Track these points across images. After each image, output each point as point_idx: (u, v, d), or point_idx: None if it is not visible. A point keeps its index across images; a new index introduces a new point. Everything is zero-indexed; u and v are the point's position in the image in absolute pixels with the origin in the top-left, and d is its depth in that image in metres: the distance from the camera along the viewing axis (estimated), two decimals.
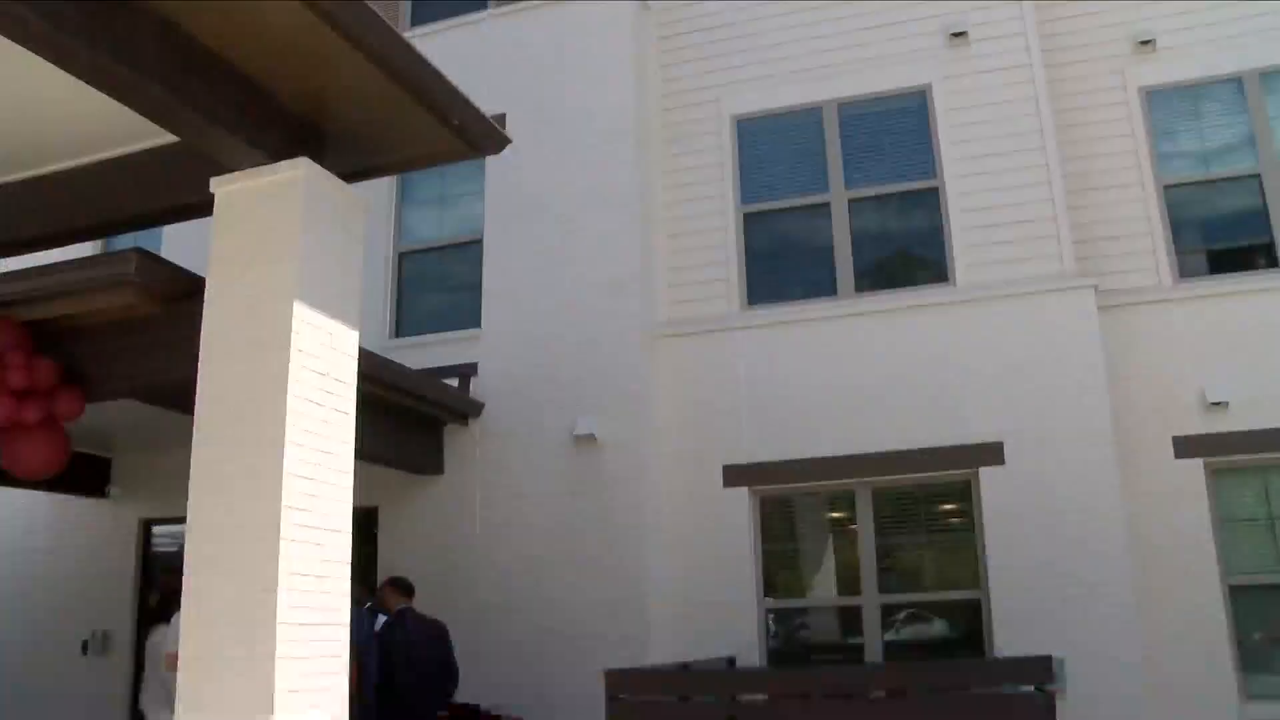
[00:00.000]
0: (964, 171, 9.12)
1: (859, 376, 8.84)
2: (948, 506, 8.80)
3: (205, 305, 5.59)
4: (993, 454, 8.39)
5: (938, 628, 8.62)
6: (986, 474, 8.39)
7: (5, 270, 6.78)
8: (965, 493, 8.59)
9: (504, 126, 5.83)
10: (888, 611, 8.60)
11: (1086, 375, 8.32)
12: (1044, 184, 8.84)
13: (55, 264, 6.39)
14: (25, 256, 7.25)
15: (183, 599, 5.35)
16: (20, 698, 11.35)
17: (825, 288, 9.32)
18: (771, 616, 8.94)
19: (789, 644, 8.94)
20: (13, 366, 6.18)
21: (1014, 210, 8.82)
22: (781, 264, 9.58)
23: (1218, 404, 8.20)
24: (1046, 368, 8.41)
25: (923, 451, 8.53)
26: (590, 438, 8.95)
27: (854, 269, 9.28)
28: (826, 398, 8.89)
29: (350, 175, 5.90)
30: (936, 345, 8.72)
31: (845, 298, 9.18)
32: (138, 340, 6.34)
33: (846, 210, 9.41)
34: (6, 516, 11.88)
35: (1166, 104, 9.19)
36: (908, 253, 9.39)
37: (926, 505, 8.83)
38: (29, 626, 11.48)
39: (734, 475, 9.01)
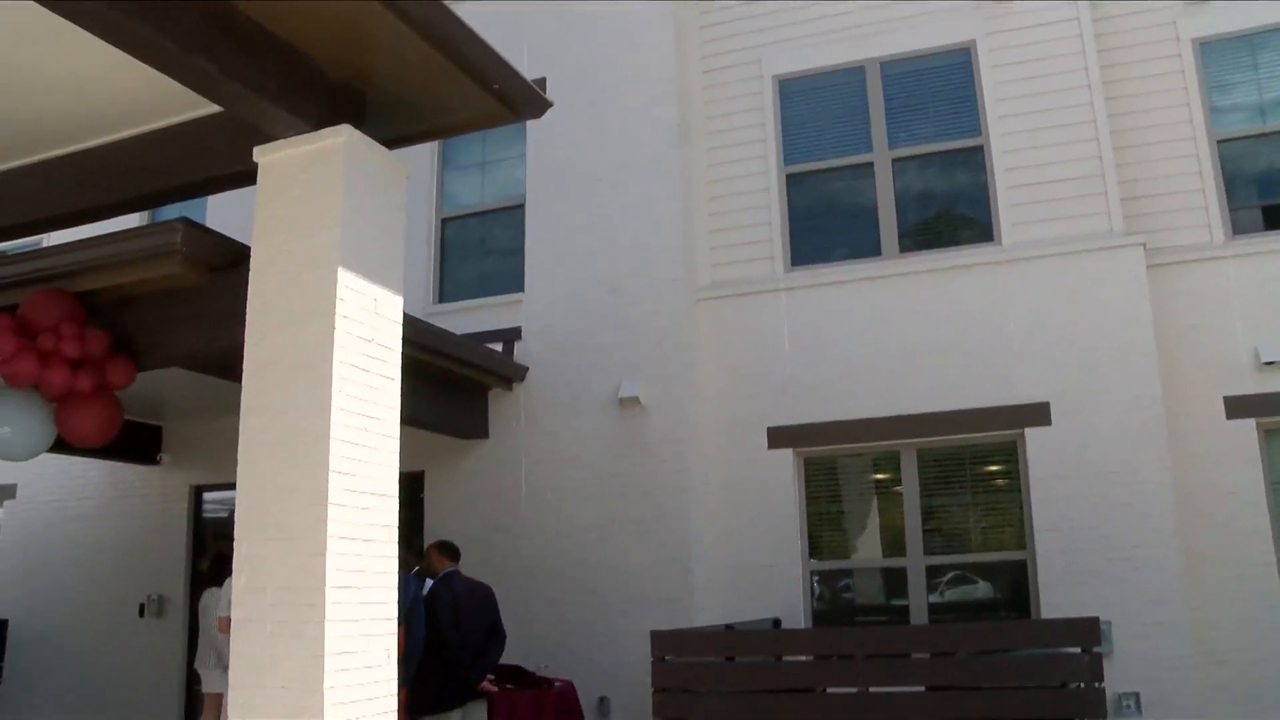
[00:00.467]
0: (1009, 129, 8.96)
1: (903, 337, 8.77)
2: (993, 468, 8.74)
3: (250, 273, 5.65)
4: (1039, 415, 8.30)
5: (982, 589, 8.59)
6: (1032, 435, 8.31)
7: (55, 244, 6.90)
8: (1011, 454, 8.52)
9: (545, 90, 5.82)
10: (933, 573, 8.58)
11: (1135, 334, 8.19)
12: (1091, 140, 8.67)
13: (103, 236, 6.46)
14: (74, 230, 7.39)
15: (233, 564, 5.46)
16: (81, 658, 11.68)
17: (869, 248, 9.23)
18: (816, 578, 8.96)
19: (833, 606, 8.96)
20: (66, 337, 6.29)
21: (1061, 167, 8.67)
22: (824, 225, 9.50)
23: (1271, 364, 8.04)
24: (1094, 327, 8.30)
25: (968, 413, 8.47)
26: (634, 401, 8.97)
27: (898, 229, 9.18)
28: (871, 359, 8.84)
29: (391, 141, 5.92)
30: (982, 305, 8.63)
31: (889, 258, 9.10)
32: (185, 309, 6.42)
33: (890, 170, 9.30)
34: (64, 483, 12.17)
35: (1219, 55, 8.95)
36: (952, 212, 9.27)
37: (972, 466, 8.77)
38: (88, 590, 11.78)
39: (778, 437, 9.00)
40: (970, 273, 8.76)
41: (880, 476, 9.01)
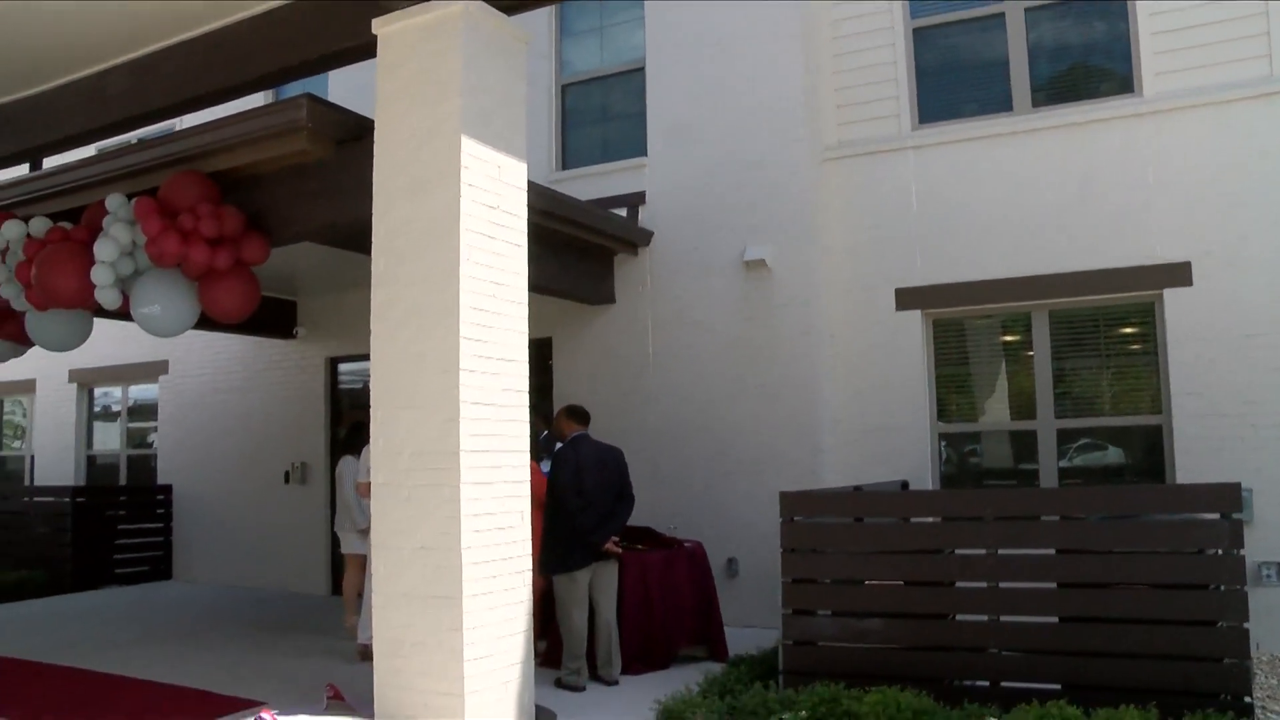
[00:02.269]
0: None
1: (1036, 195, 8.44)
2: (1128, 330, 8.43)
3: (375, 145, 5.72)
4: (1179, 275, 7.94)
5: (1113, 455, 8.39)
6: (1172, 296, 7.97)
7: (187, 127, 7.08)
8: (1148, 316, 8.20)
9: None
10: (1063, 438, 8.41)
11: None
12: None
13: (232, 116, 6.61)
14: (204, 112, 7.57)
15: (371, 431, 5.67)
16: (236, 521, 12.43)
17: (999, 104, 8.82)
18: (944, 441, 8.88)
19: (961, 469, 8.89)
20: (203, 216, 6.51)
21: (1213, 8, 8.05)
22: (953, 81, 9.09)
23: None
24: (1243, 181, 7.81)
25: (1104, 272, 8.15)
26: (760, 263, 8.89)
27: (1030, 82, 8.73)
28: (1002, 218, 8.54)
29: (509, 8, 5.87)
30: (1119, 160, 8.20)
31: (1021, 113, 8.68)
32: (313, 184, 6.57)
33: (1022, 20, 8.79)
34: (209, 358, 12.78)
35: None
36: (1088, 64, 8.74)
37: (1106, 328, 8.47)
38: (238, 458, 12.46)
39: (906, 298, 8.85)
40: (1108, 126, 8.31)
41: (1010, 338, 8.79)
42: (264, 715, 5.99)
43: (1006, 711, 5.07)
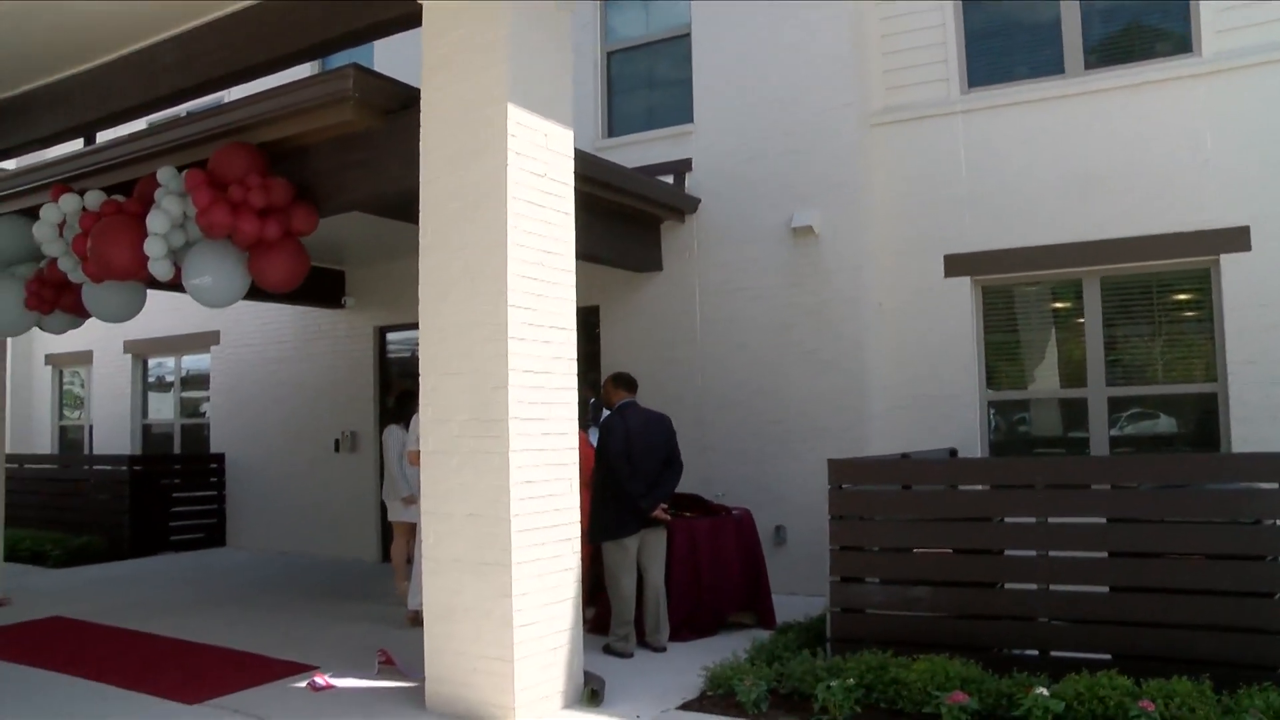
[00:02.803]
0: None
1: (1088, 160, 8.29)
2: (1183, 296, 8.27)
3: (421, 114, 5.73)
4: (1237, 240, 7.77)
5: (1165, 423, 8.27)
6: (1229, 261, 7.80)
7: (235, 99, 7.13)
8: (1203, 281, 8.04)
9: None
10: (1114, 405, 8.30)
11: None
12: None
13: (279, 87, 6.63)
14: (252, 84, 7.62)
15: (420, 399, 5.72)
16: (288, 489, 12.63)
17: (1051, 66, 8.65)
18: (993, 409, 8.80)
19: (1010, 437, 8.81)
20: (252, 187, 6.56)
21: None
22: (1003, 43, 8.92)
23: None
24: None
25: (1157, 238, 8.00)
26: (808, 229, 8.83)
27: (1083, 44, 8.55)
28: (1052, 183, 8.40)
29: None
30: (1175, 123, 8.02)
31: (1073, 76, 8.51)
32: (360, 154, 6.59)
33: None
34: (259, 328, 12.95)
35: None
36: (1143, 23, 8.54)
37: (1159, 295, 8.32)
38: (288, 427, 12.65)
39: (955, 265, 8.75)
40: (1163, 88, 8.12)
41: (1061, 305, 8.66)
42: (317, 679, 6.10)
43: (1056, 681, 5.03)
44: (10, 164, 10.12)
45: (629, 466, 6.80)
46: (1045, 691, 4.84)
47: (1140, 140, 8.11)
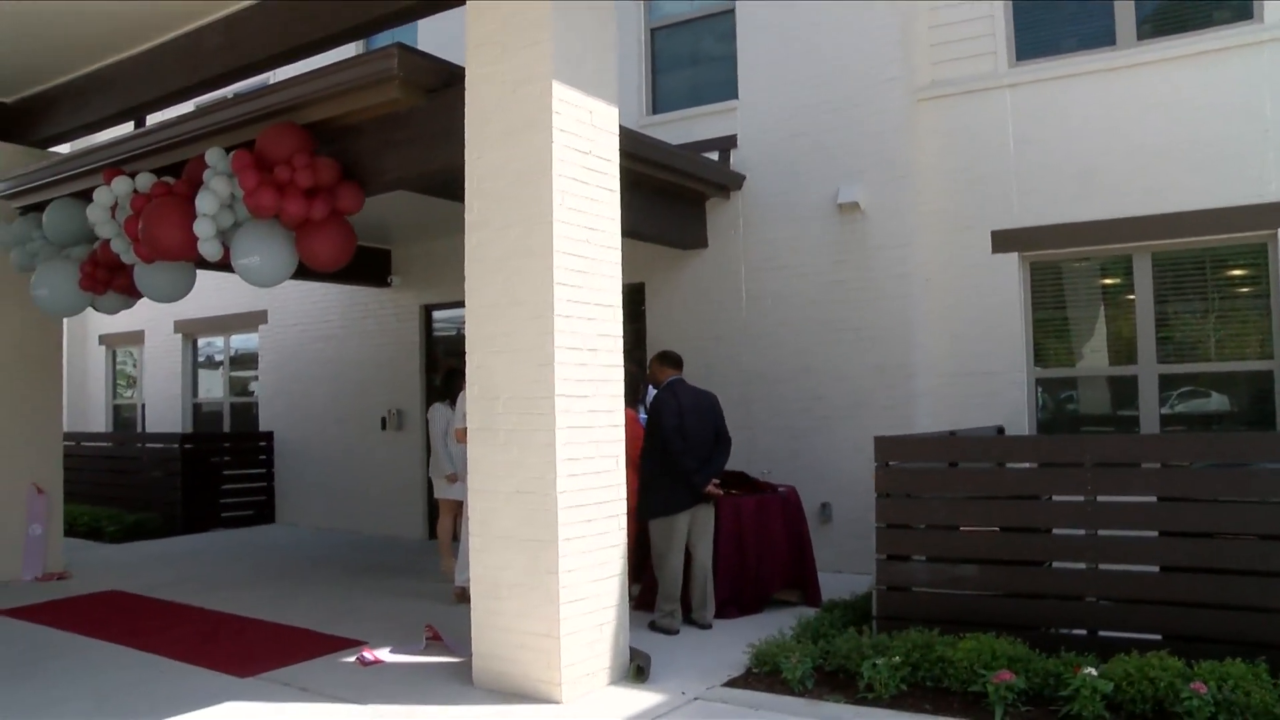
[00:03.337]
0: None
1: (1139, 133, 8.12)
2: (1238, 272, 8.10)
3: (466, 92, 5.74)
4: None
5: (1217, 402, 8.12)
6: None
7: (280, 79, 7.19)
8: (1259, 257, 7.87)
9: None
10: (1166, 384, 8.16)
11: None
12: None
13: (324, 67, 6.67)
14: (297, 65, 7.68)
15: (466, 377, 5.75)
16: (335, 466, 12.78)
17: (1102, 37, 8.47)
18: (1040, 387, 8.69)
19: (1058, 415, 8.70)
20: (299, 167, 6.62)
21: None
22: (1052, 15, 8.74)
23: None
24: None
25: (1212, 212, 7.82)
26: (854, 205, 8.77)
27: (1135, 14, 8.37)
28: (1103, 157, 8.25)
29: None
30: (1233, 93, 7.82)
31: (1125, 47, 8.34)
32: (406, 133, 6.62)
33: None
34: (306, 308, 13.09)
35: None
36: None
37: (1213, 271, 8.16)
38: (335, 405, 12.79)
39: (1003, 240, 8.63)
40: (1221, 57, 7.92)
41: (1110, 281, 8.52)
42: (365, 653, 6.19)
43: (1104, 661, 4.98)
44: (64, 148, 10.29)
45: (684, 441, 6.81)
46: (1094, 671, 4.79)
47: (1196, 112, 7.93)
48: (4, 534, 9.50)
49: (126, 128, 9.70)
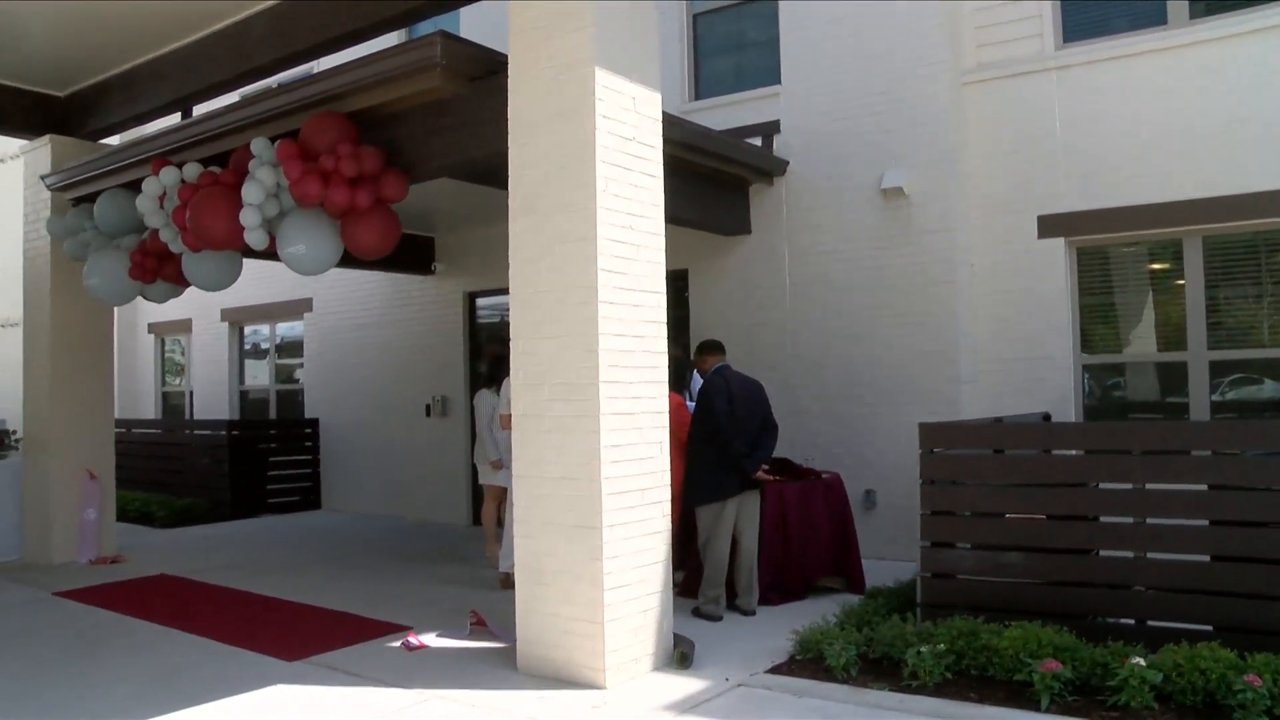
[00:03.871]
0: None
1: (1189, 114, 7.98)
2: None
3: (509, 80, 5.74)
4: None
5: (1270, 389, 7.98)
6: None
7: (323, 69, 7.24)
8: None
9: None
10: (1216, 370, 8.03)
11: None
12: None
13: (367, 56, 6.71)
14: (340, 54, 7.74)
15: (511, 364, 5.77)
16: (380, 453, 12.90)
17: (1151, 17, 8.33)
18: (1087, 373, 8.58)
19: (1105, 402, 8.59)
20: (343, 156, 6.67)
21: None
22: None
23: None
24: None
25: (1264, 195, 7.66)
26: (898, 190, 8.70)
27: None
28: (1151, 140, 8.12)
29: None
30: None
31: (1175, 26, 8.19)
32: (449, 120, 6.65)
33: None
34: (350, 295, 13.20)
35: None
36: None
37: (1266, 255, 8.00)
38: (380, 392, 12.90)
39: (1050, 225, 8.52)
40: (1277, 34, 7.76)
41: (1159, 266, 8.39)
42: (410, 639, 6.25)
43: (1153, 651, 4.92)
44: (114, 139, 10.44)
45: (735, 426, 6.80)
46: (1142, 661, 4.73)
47: (1248, 92, 7.77)
48: (60, 518, 9.70)
49: (174, 119, 9.82)
